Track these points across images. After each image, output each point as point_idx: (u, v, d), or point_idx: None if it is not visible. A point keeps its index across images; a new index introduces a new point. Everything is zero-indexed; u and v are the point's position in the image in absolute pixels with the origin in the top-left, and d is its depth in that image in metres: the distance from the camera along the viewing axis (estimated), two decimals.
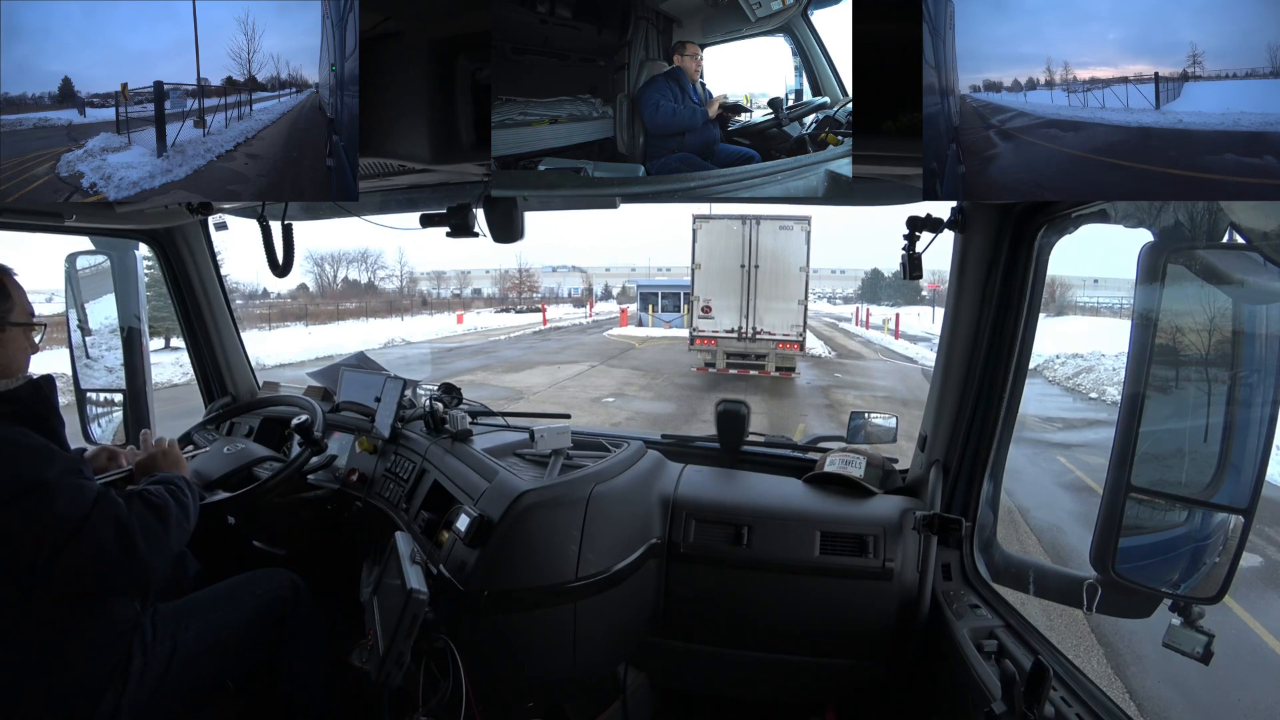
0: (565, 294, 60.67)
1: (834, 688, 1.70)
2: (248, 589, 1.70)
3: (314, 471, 2.15)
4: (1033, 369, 2.16)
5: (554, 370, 14.88)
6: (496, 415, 2.26)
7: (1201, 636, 1.08)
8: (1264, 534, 4.84)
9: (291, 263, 1.62)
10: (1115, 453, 1.10)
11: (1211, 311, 1.08)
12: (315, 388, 2.61)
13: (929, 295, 33.60)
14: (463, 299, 55.37)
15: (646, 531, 1.66)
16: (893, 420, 1.97)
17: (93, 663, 1.36)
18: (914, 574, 1.58)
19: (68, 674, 1.34)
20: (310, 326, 28.22)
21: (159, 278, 2.52)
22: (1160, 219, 1.07)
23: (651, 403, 11.10)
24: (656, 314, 26.41)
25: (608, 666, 1.73)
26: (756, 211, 12.59)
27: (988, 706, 1.13)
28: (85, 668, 1.36)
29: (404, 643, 1.32)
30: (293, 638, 1.70)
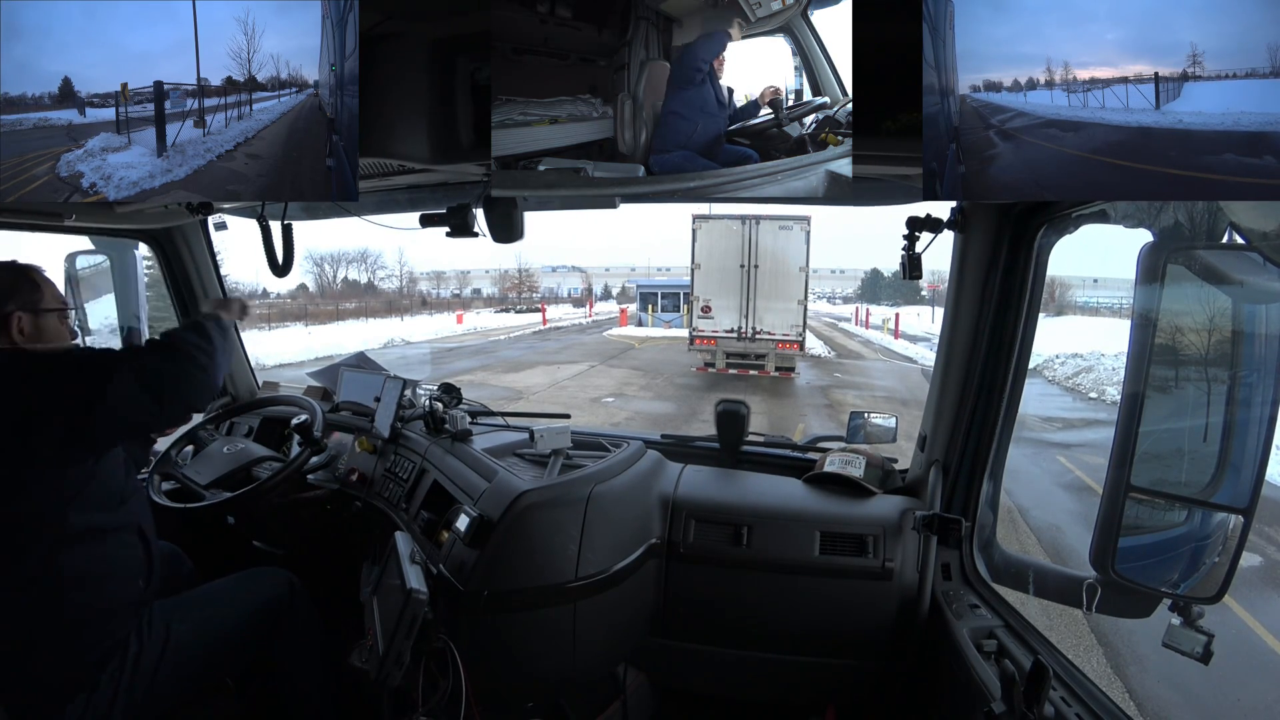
0: (565, 294, 60.60)
1: (834, 688, 1.70)
2: (244, 587, 1.70)
3: (314, 471, 2.15)
4: (1033, 369, 2.15)
5: (554, 370, 14.87)
6: (496, 415, 2.26)
7: (1201, 636, 1.08)
8: (1264, 534, 4.84)
9: (291, 263, 1.62)
10: (1115, 452, 1.10)
11: (1211, 311, 1.08)
12: (315, 388, 2.62)
13: (929, 295, 33.58)
14: (462, 299, 55.34)
15: (646, 531, 1.66)
16: (892, 420, 1.97)
17: (96, 637, 1.40)
18: (914, 574, 1.58)
19: (72, 644, 1.38)
20: (310, 326, 28.19)
21: (159, 278, 2.52)
22: (1160, 219, 1.07)
23: (651, 403, 11.10)
24: (656, 314, 26.39)
25: (607, 666, 1.73)
26: (756, 211, 12.59)
27: (987, 706, 1.13)
28: (89, 640, 1.39)
29: (404, 643, 1.32)
30: (289, 637, 1.70)
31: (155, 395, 1.45)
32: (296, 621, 1.72)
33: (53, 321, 1.50)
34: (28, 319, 1.45)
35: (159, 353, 1.51)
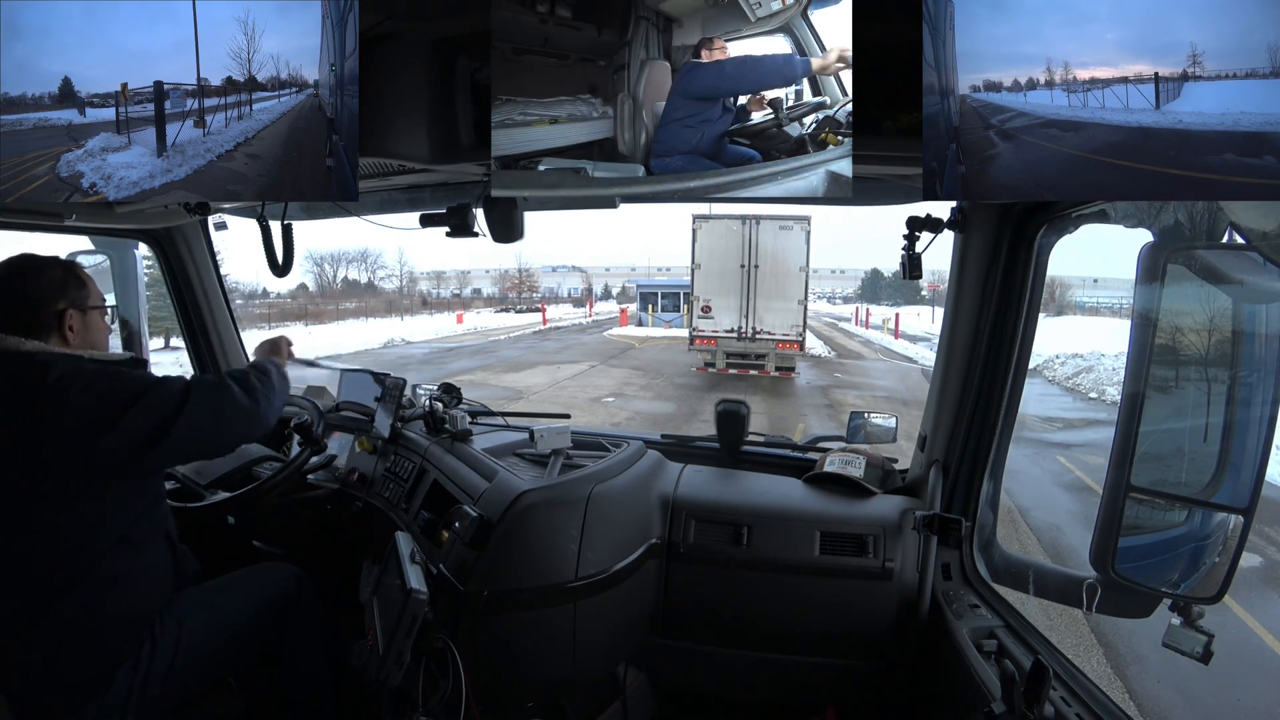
0: (565, 294, 60.59)
1: (834, 688, 1.70)
2: (252, 581, 1.71)
3: (314, 471, 2.15)
4: (1033, 369, 2.16)
5: (554, 370, 14.87)
6: (496, 415, 2.26)
7: (1201, 636, 1.08)
8: (1264, 534, 4.84)
9: (291, 263, 1.62)
10: (1115, 452, 1.09)
11: (1211, 311, 1.08)
12: (315, 387, 2.62)
13: (929, 295, 33.59)
14: (462, 299, 55.34)
15: (646, 531, 1.66)
16: (892, 420, 1.98)
17: (119, 639, 1.40)
18: (914, 574, 1.58)
19: (98, 647, 1.37)
20: (310, 326, 28.20)
21: (159, 277, 2.52)
22: (1160, 219, 1.07)
23: (651, 402, 11.10)
24: (656, 314, 26.39)
25: (607, 666, 1.73)
26: (756, 211, 12.59)
27: (987, 706, 1.13)
28: (113, 643, 1.39)
29: (404, 643, 1.32)
30: (295, 630, 1.70)
31: (218, 431, 1.49)
32: (303, 615, 1.72)
33: (97, 319, 1.51)
34: (77, 317, 1.44)
35: (226, 389, 1.52)
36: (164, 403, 1.40)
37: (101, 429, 1.33)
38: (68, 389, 1.33)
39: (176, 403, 1.41)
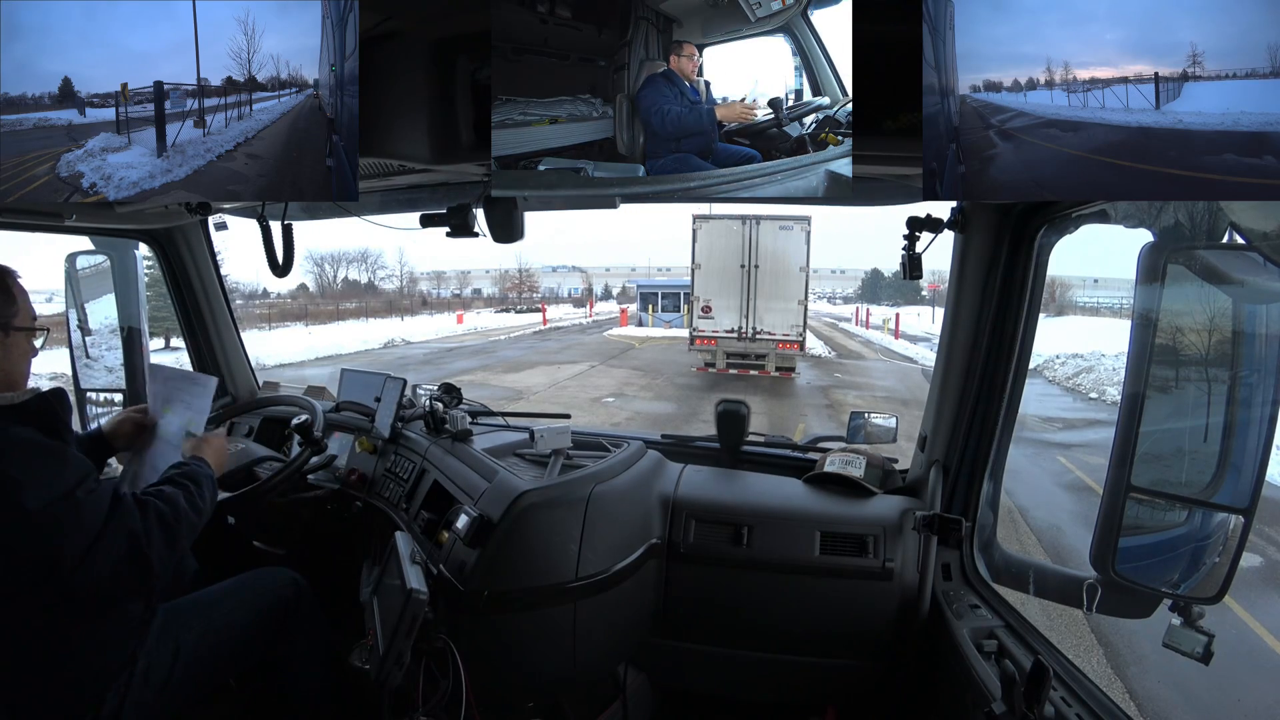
0: (565, 294, 60.62)
1: (834, 688, 1.70)
2: (250, 588, 1.70)
3: (314, 471, 2.14)
4: (1033, 369, 2.16)
5: (554, 370, 14.87)
6: (496, 415, 2.26)
7: (1201, 636, 1.08)
8: (1264, 534, 4.84)
9: (291, 263, 1.62)
10: (1115, 453, 1.10)
11: (1211, 311, 1.08)
12: (315, 387, 2.62)
13: (929, 295, 33.57)
14: (463, 299, 55.36)
15: (646, 531, 1.66)
16: (893, 420, 1.98)
17: (98, 660, 1.36)
18: (914, 574, 1.58)
19: (73, 670, 1.34)
20: (310, 326, 28.23)
21: (159, 278, 2.52)
22: (1160, 219, 1.07)
23: (651, 403, 11.10)
24: (656, 314, 26.40)
25: (607, 666, 1.73)
26: (756, 211, 12.59)
27: (988, 706, 1.13)
28: (91, 665, 1.36)
29: (404, 643, 1.32)
30: (294, 635, 1.70)
31: (146, 560, 1.26)
32: (302, 620, 1.72)
33: (19, 342, 1.28)
34: None
35: (151, 513, 1.30)
36: (89, 520, 1.20)
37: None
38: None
39: (100, 522, 1.22)
